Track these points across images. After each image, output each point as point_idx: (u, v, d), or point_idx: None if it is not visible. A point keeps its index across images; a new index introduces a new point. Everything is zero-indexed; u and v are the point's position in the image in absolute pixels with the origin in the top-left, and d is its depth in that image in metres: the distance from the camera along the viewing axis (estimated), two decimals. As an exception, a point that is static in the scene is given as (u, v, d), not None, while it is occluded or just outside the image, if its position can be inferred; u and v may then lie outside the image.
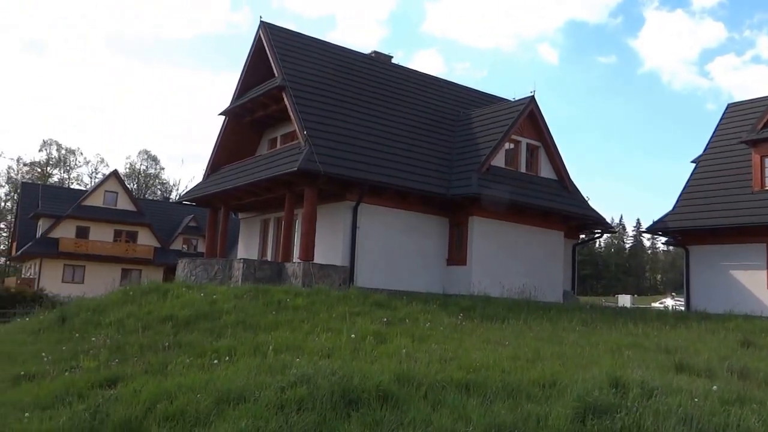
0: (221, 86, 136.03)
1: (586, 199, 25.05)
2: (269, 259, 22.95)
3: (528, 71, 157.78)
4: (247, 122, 24.37)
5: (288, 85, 20.44)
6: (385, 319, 13.43)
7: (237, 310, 13.67)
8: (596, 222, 24.76)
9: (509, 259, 21.50)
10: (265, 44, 22.33)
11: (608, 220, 27.80)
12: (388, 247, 20.10)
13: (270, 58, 21.86)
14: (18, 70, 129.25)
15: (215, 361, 9.85)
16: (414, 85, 25.51)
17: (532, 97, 23.10)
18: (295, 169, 17.85)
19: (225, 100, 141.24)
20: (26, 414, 7.87)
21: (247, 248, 24.93)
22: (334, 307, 14.15)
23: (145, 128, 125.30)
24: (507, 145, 22.68)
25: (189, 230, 56.02)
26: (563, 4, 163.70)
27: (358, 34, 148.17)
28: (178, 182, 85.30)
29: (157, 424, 7.10)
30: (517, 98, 24.92)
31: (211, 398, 7.53)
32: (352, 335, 11.46)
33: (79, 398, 8.44)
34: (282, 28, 23.79)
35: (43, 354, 11.75)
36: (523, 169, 22.83)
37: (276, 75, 21.36)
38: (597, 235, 28.97)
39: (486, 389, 7.93)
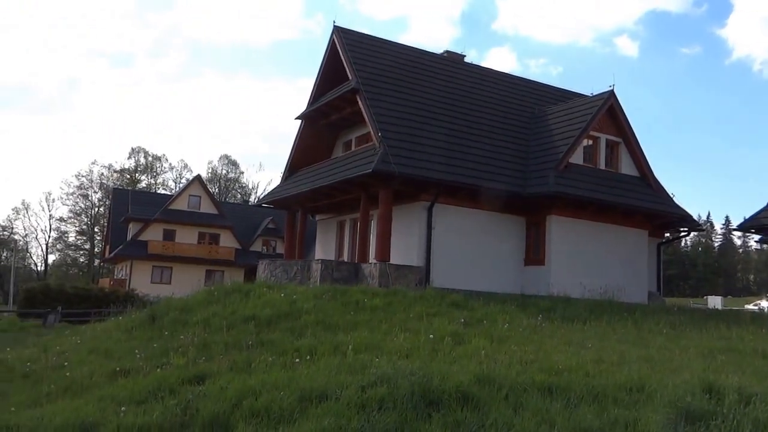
0: (297, 91, 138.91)
1: (671, 195, 24.04)
2: (345, 259, 23.25)
3: (606, 65, 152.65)
4: (322, 125, 24.79)
5: (362, 88, 20.66)
6: (462, 320, 13.35)
7: (316, 310, 13.92)
8: (682, 220, 23.70)
9: (590, 259, 20.91)
10: (338, 48, 22.64)
11: (695, 217, 26.56)
12: (464, 248, 19.96)
13: (344, 62, 22.15)
14: (108, 81, 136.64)
15: (297, 360, 10.08)
16: (488, 84, 25.24)
17: (612, 91, 22.39)
18: (370, 170, 18.01)
19: (301, 105, 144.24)
20: (123, 408, 8.28)
21: (324, 249, 25.35)
22: (411, 308, 14.19)
23: (226, 134, 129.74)
24: (585, 142, 22.08)
25: (268, 232, 57.50)
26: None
27: (430, 35, 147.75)
28: (256, 185, 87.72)
29: (243, 420, 7.31)
30: (595, 93, 24.21)
31: (295, 396, 7.69)
32: (430, 336, 11.46)
33: (170, 394, 8.81)
34: (355, 31, 24.06)
35: (136, 351, 12.36)
36: (602, 166, 22.16)
37: (350, 78, 21.62)
38: (683, 234, 27.78)
39: (569, 393, 7.74)
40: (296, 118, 25.14)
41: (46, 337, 20.04)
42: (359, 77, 21.02)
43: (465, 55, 27.37)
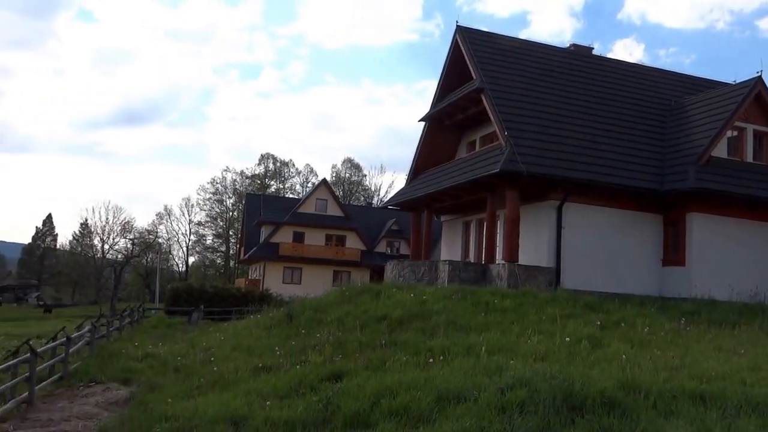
0: (416, 94, 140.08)
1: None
2: (472, 260, 23.09)
3: (746, 51, 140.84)
4: (446, 126, 24.78)
5: (486, 87, 20.41)
6: (598, 323, 12.92)
7: (446, 310, 13.98)
8: None
9: (737, 259, 19.34)
10: (461, 48, 22.54)
11: None
12: (596, 248, 19.14)
13: (467, 61, 22.00)
14: (238, 92, 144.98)
15: (430, 360, 10.18)
16: (618, 76, 24.07)
17: (759, 77, 20.60)
18: (497, 170, 17.76)
19: (421, 107, 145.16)
20: (267, 402, 8.72)
21: (449, 250, 25.32)
22: (543, 309, 13.91)
23: (348, 138, 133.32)
24: (729, 133, 20.47)
25: (391, 233, 58.33)
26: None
27: (551, 29, 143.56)
28: (378, 188, 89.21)
29: (383, 418, 7.45)
30: (738, 81, 22.37)
31: (432, 396, 7.75)
32: (566, 339, 11.15)
33: (311, 390, 9.18)
34: (477, 30, 23.85)
35: (276, 348, 13.00)
36: (749, 159, 20.46)
37: (474, 77, 21.44)
38: None
39: (725, 402, 7.26)
40: (420, 120, 25.34)
41: (192, 334, 21.57)
42: (483, 76, 20.79)
43: (593, 48, 26.32)
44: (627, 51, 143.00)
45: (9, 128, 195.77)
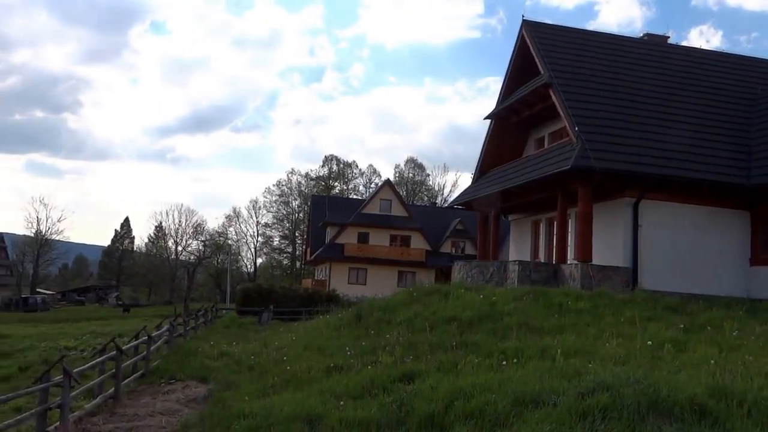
0: (479, 91, 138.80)
1: None
2: (542, 260, 22.59)
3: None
4: (513, 123, 24.35)
5: (554, 81, 19.91)
6: (681, 326, 12.37)
7: (518, 312, 13.70)
8: None
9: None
10: (528, 42, 22.09)
11: None
12: (676, 247, 18.35)
13: (534, 56, 21.55)
14: (301, 96, 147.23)
15: (503, 362, 9.96)
16: (695, 65, 23.00)
17: None
18: (568, 167, 17.28)
19: (483, 105, 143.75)
20: (341, 402, 8.73)
21: (518, 250, 24.87)
22: (621, 311, 13.44)
23: (411, 138, 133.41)
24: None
25: (456, 233, 57.85)
26: None
27: (621, 19, 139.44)
28: (442, 187, 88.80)
29: (458, 420, 7.32)
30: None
31: (508, 399, 7.55)
32: (648, 342, 10.70)
33: (384, 391, 9.13)
34: (544, 23, 23.35)
35: (347, 348, 13.03)
36: None
37: (541, 72, 20.97)
38: None
39: (836, 413, 6.74)
40: (485, 118, 25.01)
41: (263, 334, 22.00)
42: (551, 70, 20.30)
43: (668, 36, 25.32)
44: (703, 38, 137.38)
45: (88, 137, 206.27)
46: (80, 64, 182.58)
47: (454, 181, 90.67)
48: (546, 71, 20.48)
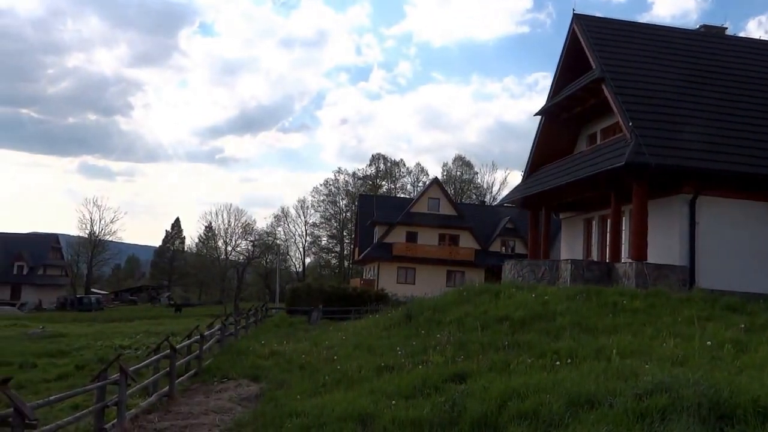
0: (527, 87, 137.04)
1: None
2: (595, 259, 22.12)
3: None
4: (563, 120, 23.91)
5: (607, 76, 19.46)
6: (742, 326, 11.90)
7: (571, 311, 13.47)
8: None
9: None
10: (579, 36, 21.65)
11: None
12: (735, 244, 17.68)
13: (585, 50, 21.10)
14: (348, 95, 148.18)
15: (557, 363, 9.81)
16: (755, 57, 22.11)
17: None
18: (622, 163, 16.87)
19: (535, 100, 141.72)
20: (393, 402, 8.73)
21: (570, 248, 24.42)
22: (678, 311, 13.07)
23: (458, 135, 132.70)
24: None
25: (506, 232, 57.20)
26: None
27: (675, 11, 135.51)
28: (491, 185, 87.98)
29: (512, 421, 7.24)
30: None
31: (562, 400, 7.44)
32: (707, 342, 10.35)
33: (435, 391, 9.10)
34: (596, 17, 22.86)
35: (397, 348, 13.04)
36: None
37: (593, 67, 20.52)
38: None
39: None
40: (536, 114, 24.67)
41: (313, 333, 22.21)
42: (603, 65, 19.84)
43: (726, 28, 24.45)
44: (762, 29, 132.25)
45: (139, 139, 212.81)
46: (130, 66, 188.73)
47: (503, 179, 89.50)
48: (598, 66, 20.04)
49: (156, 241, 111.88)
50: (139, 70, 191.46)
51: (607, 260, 19.68)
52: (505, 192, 72.63)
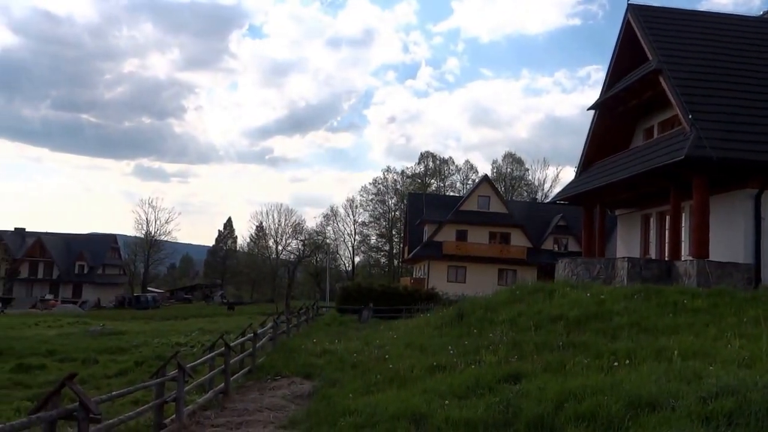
0: (579, 81, 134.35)
1: None
2: (653, 256, 21.47)
3: None
4: (619, 113, 23.28)
5: (664, 67, 18.83)
6: (815, 326, 11.31)
7: (628, 311, 13.13)
8: None
9: None
10: (634, 27, 21.02)
11: None
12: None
13: (641, 41, 20.47)
14: (396, 93, 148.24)
15: (615, 364, 9.57)
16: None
17: None
18: (682, 157, 16.29)
19: (588, 94, 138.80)
20: (446, 401, 8.64)
21: (626, 246, 23.77)
22: (743, 311, 12.54)
23: (507, 131, 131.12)
24: None
25: (558, 230, 56.17)
26: None
27: None
28: (542, 182, 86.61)
29: (569, 423, 7.08)
30: None
31: (622, 402, 7.24)
32: (776, 343, 9.88)
33: (489, 391, 8.96)
34: (651, 6, 22.14)
35: (449, 347, 12.94)
36: None
37: (650, 58, 19.90)
38: None
39: None
40: (589, 109, 24.10)
41: (364, 332, 22.24)
42: (661, 55, 19.21)
43: (792, 14, 23.34)
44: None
45: (192, 141, 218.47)
46: (183, 70, 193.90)
47: (555, 176, 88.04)
48: (655, 57, 19.42)
49: (209, 241, 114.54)
50: (191, 73, 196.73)
51: (667, 258, 19.07)
52: (557, 189, 71.49)
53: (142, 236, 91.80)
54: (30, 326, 38.69)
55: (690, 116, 17.18)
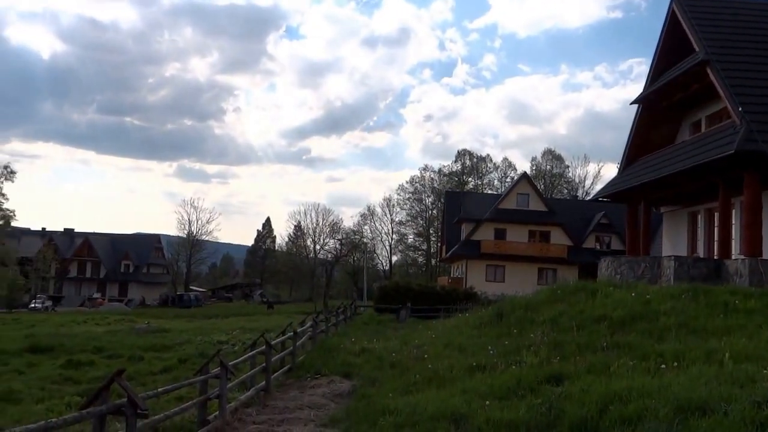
0: (623, 75, 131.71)
1: None
2: (701, 255, 20.82)
3: None
4: (663, 107, 22.65)
5: (712, 58, 18.21)
6: None
7: (675, 311, 12.75)
8: None
9: None
10: (679, 17, 20.41)
11: None
12: None
13: (687, 32, 19.86)
14: (432, 91, 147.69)
15: (662, 366, 9.32)
16: None
17: None
18: (732, 151, 15.73)
19: (630, 88, 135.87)
20: (486, 402, 8.51)
21: (673, 244, 23.12)
22: (799, 311, 11.99)
23: (547, 127, 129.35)
24: None
25: (600, 227, 55.06)
26: None
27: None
28: (583, 179, 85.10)
29: (614, 426, 6.91)
30: None
31: (670, 406, 7.04)
32: (835, 346, 9.45)
33: (531, 392, 8.81)
34: (698, -4, 21.44)
35: (489, 347, 12.76)
36: None
37: (696, 49, 19.29)
38: None
39: None
40: (632, 103, 23.51)
41: (402, 331, 22.16)
42: (708, 46, 18.59)
43: None
44: None
45: (231, 142, 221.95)
46: (222, 73, 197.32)
47: (596, 172, 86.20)
48: (702, 48, 18.81)
49: (249, 241, 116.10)
50: (230, 75, 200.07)
51: (716, 257, 18.44)
52: (598, 186, 70.19)
53: (185, 236, 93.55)
54: (79, 324, 39.89)
55: (740, 108, 16.58)
